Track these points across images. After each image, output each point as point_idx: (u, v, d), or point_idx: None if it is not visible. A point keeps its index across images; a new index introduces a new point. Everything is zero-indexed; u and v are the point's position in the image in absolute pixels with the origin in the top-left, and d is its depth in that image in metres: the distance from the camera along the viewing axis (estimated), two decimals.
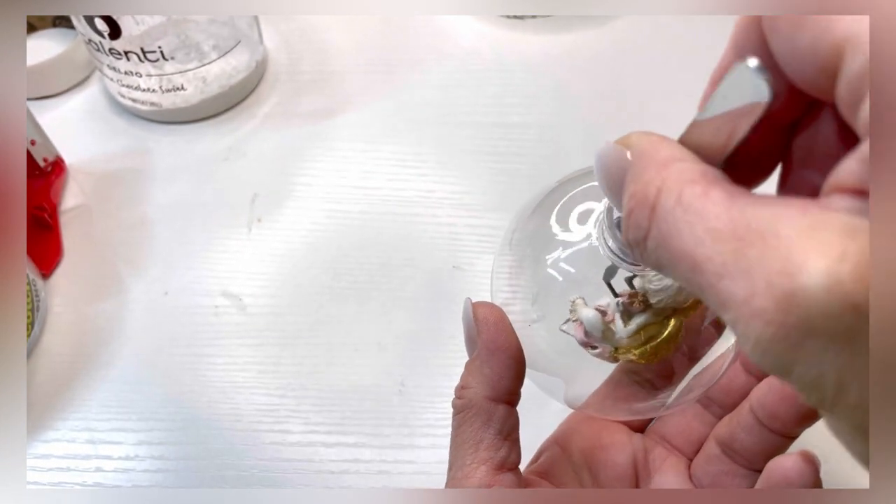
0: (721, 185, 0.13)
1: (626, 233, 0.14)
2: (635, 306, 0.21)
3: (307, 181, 0.44)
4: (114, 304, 0.39)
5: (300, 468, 0.34)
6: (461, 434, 0.23)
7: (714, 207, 0.12)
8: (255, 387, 0.36)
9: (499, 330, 0.23)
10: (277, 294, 0.39)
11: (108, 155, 0.46)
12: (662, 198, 0.13)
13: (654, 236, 0.13)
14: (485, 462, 0.22)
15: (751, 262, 0.12)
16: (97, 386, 0.36)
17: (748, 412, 0.24)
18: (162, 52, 0.43)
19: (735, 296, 0.12)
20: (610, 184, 0.15)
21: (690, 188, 0.13)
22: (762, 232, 0.12)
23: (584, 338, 0.23)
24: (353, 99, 0.48)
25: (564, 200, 0.24)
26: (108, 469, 0.34)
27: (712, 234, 0.12)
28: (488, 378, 0.22)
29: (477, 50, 0.51)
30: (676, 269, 0.13)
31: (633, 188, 0.14)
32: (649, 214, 0.13)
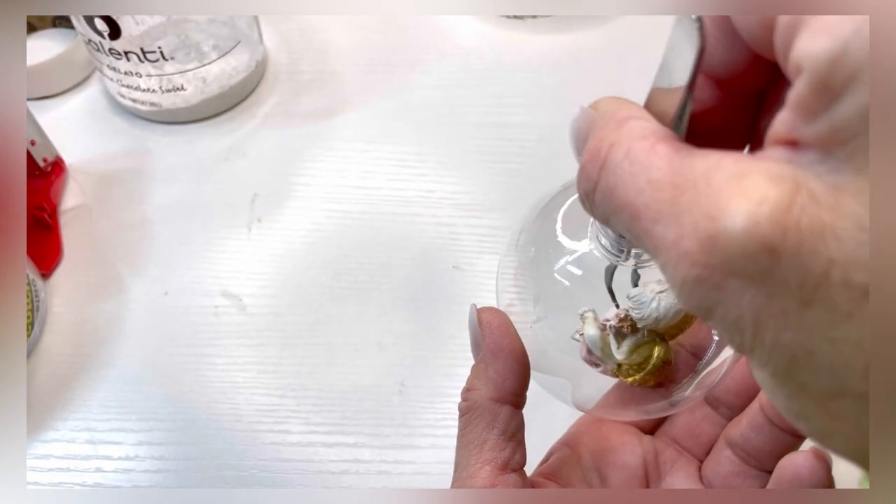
0: (668, 141, 0.13)
1: (578, 185, 0.15)
2: (626, 329, 0.22)
3: (307, 181, 0.44)
4: (114, 304, 0.39)
5: (300, 468, 0.34)
6: (466, 435, 0.23)
7: (658, 160, 0.13)
8: (255, 387, 0.36)
9: (502, 333, 0.23)
10: (277, 294, 0.39)
11: (108, 155, 0.46)
12: (613, 151, 0.14)
13: (602, 188, 0.14)
14: (489, 462, 0.22)
15: (682, 208, 0.12)
16: (97, 386, 0.36)
17: (757, 411, 0.24)
18: (162, 53, 0.43)
19: (665, 240, 0.12)
20: (578, 145, 0.16)
21: (639, 143, 0.14)
22: (696, 180, 0.12)
23: (587, 355, 0.23)
24: (353, 99, 0.48)
25: (570, 203, 0.24)
26: (108, 469, 0.34)
27: (652, 184, 0.13)
28: (492, 380, 0.23)
29: (477, 50, 0.51)
30: (618, 218, 0.14)
31: (589, 144, 0.15)
32: (599, 167, 0.14)
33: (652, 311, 0.21)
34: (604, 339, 0.22)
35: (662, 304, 0.21)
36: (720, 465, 0.25)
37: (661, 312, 0.21)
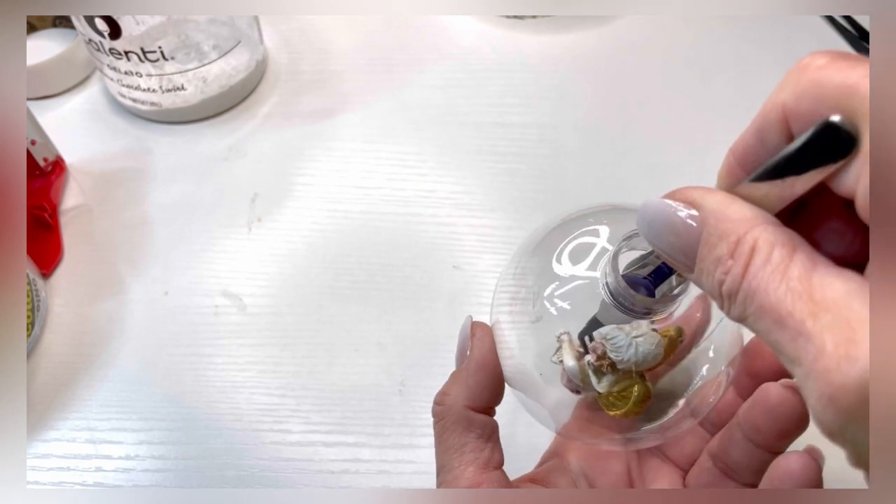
0: (804, 250, 0.15)
1: (715, 282, 0.16)
2: (604, 369, 0.22)
3: (307, 181, 0.44)
4: (114, 304, 0.39)
5: (300, 468, 0.34)
6: (445, 440, 0.24)
7: (797, 270, 0.14)
8: (256, 387, 0.36)
9: (490, 350, 0.25)
10: (277, 294, 0.39)
11: (108, 155, 0.46)
12: (755, 257, 0.15)
13: (745, 290, 0.15)
14: (471, 463, 0.24)
15: (824, 327, 0.13)
16: (97, 386, 0.36)
17: (735, 427, 0.25)
18: (162, 52, 0.43)
19: (807, 354, 0.13)
20: (674, 240, 0.17)
21: (779, 250, 0.15)
22: (836, 301, 0.14)
23: (567, 383, 0.24)
24: (353, 99, 0.48)
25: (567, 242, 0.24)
26: (108, 469, 0.34)
27: (794, 293, 0.14)
28: (471, 388, 0.24)
29: (477, 50, 0.51)
30: (760, 321, 0.15)
31: (725, 245, 0.15)
32: (742, 270, 0.15)
33: (630, 357, 0.22)
34: (583, 369, 0.23)
35: (640, 350, 0.22)
36: (702, 477, 0.26)
37: (640, 357, 0.22)
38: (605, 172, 0.44)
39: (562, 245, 0.24)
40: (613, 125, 0.47)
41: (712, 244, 0.16)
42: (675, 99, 0.48)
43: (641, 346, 0.22)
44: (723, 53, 0.50)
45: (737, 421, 0.24)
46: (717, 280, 0.16)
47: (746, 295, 0.15)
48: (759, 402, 0.23)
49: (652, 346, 0.22)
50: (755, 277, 0.15)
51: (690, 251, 0.17)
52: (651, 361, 0.22)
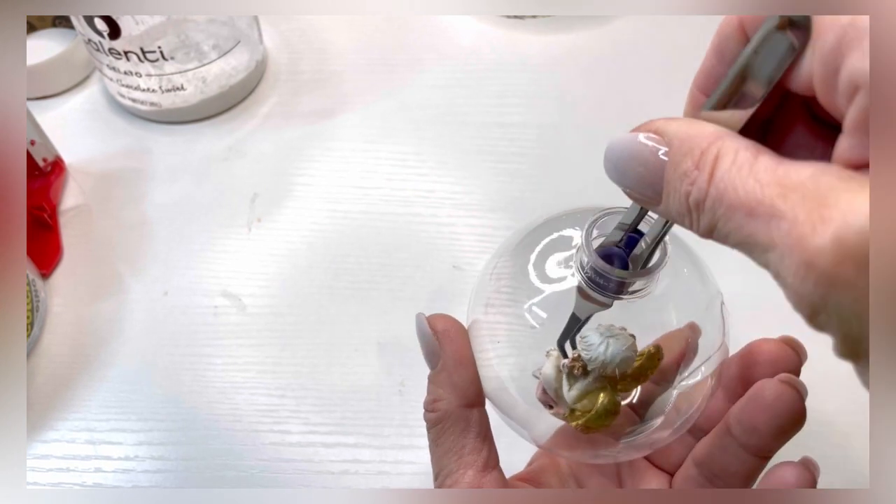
0: (767, 152, 0.15)
1: (680, 198, 0.16)
2: (576, 371, 0.22)
3: (307, 181, 0.44)
4: (114, 304, 0.39)
5: (300, 468, 0.34)
6: (443, 444, 0.24)
7: (763, 164, 0.15)
8: (255, 387, 0.36)
9: (463, 339, 0.24)
10: (277, 294, 0.39)
11: (107, 155, 0.46)
12: (720, 162, 0.15)
13: (713, 195, 0.15)
14: (471, 466, 0.23)
15: (795, 203, 0.14)
16: (97, 386, 0.36)
17: (725, 431, 0.24)
18: (162, 52, 0.43)
19: (780, 233, 0.14)
20: (642, 170, 0.17)
21: (743, 152, 0.15)
22: (803, 182, 0.14)
23: (542, 395, 0.23)
24: (352, 99, 0.48)
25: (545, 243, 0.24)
26: (107, 469, 0.34)
27: (763, 185, 0.14)
28: (459, 387, 0.24)
29: (477, 50, 0.51)
30: (731, 220, 0.15)
31: (689, 159, 0.16)
32: (708, 177, 0.15)
33: (599, 355, 0.21)
34: (558, 379, 0.22)
35: (610, 349, 0.21)
36: (687, 484, 0.26)
37: (609, 357, 0.21)
38: (604, 172, 0.44)
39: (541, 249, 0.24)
40: (613, 125, 0.47)
41: (677, 162, 0.16)
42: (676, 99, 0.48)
43: (612, 345, 0.21)
44: None
45: (726, 425, 0.24)
46: (683, 193, 0.16)
47: (715, 199, 0.15)
48: (755, 399, 0.23)
49: (624, 346, 0.22)
50: (721, 180, 0.15)
51: (658, 180, 0.17)
52: (621, 364, 0.22)
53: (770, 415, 0.23)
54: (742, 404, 0.23)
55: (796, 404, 0.22)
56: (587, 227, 0.21)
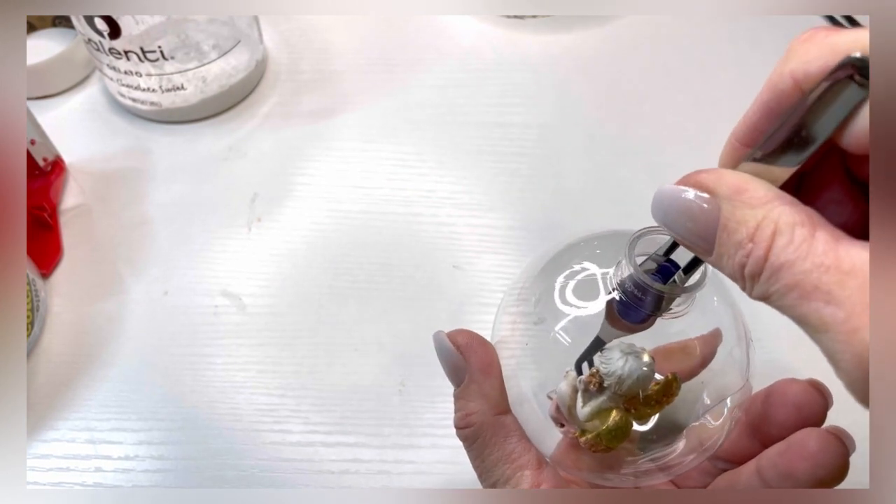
0: (824, 227, 0.15)
1: (737, 265, 0.16)
2: (592, 387, 0.22)
3: (307, 181, 0.44)
4: (114, 304, 0.39)
5: (300, 468, 0.34)
6: (489, 456, 0.23)
7: (821, 246, 0.15)
8: (255, 387, 0.36)
9: (487, 350, 0.24)
10: (277, 294, 0.39)
11: (107, 154, 0.46)
12: (777, 239, 0.15)
13: (768, 271, 0.15)
14: (526, 467, 0.23)
15: (852, 292, 0.14)
16: (97, 386, 0.36)
17: (752, 472, 0.23)
18: (162, 52, 0.43)
19: (836, 319, 0.14)
20: (692, 226, 0.17)
21: (800, 230, 0.15)
22: (861, 267, 0.14)
23: (554, 413, 0.23)
24: (353, 99, 0.48)
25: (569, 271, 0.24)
26: (107, 469, 0.34)
27: (820, 268, 0.15)
28: (490, 396, 0.24)
29: (477, 50, 0.51)
30: (785, 297, 0.15)
31: (743, 229, 0.16)
32: (765, 253, 0.15)
33: (617, 369, 0.21)
34: (573, 397, 0.22)
35: (629, 365, 0.21)
36: None
37: (626, 372, 0.21)
38: (605, 172, 0.44)
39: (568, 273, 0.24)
40: (613, 125, 0.47)
41: (731, 229, 0.16)
42: (675, 98, 0.48)
43: (632, 361, 0.21)
44: (723, 53, 0.50)
45: (757, 465, 0.23)
46: (738, 263, 0.16)
47: (770, 276, 0.15)
48: (797, 446, 0.22)
49: (643, 365, 0.21)
50: (777, 258, 0.15)
51: (708, 235, 0.17)
52: (638, 382, 0.21)
53: (811, 464, 0.21)
54: (780, 449, 0.22)
55: (841, 458, 0.21)
56: (630, 242, 0.21)
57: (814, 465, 0.21)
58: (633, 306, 0.21)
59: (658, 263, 0.21)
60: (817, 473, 0.21)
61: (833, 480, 0.22)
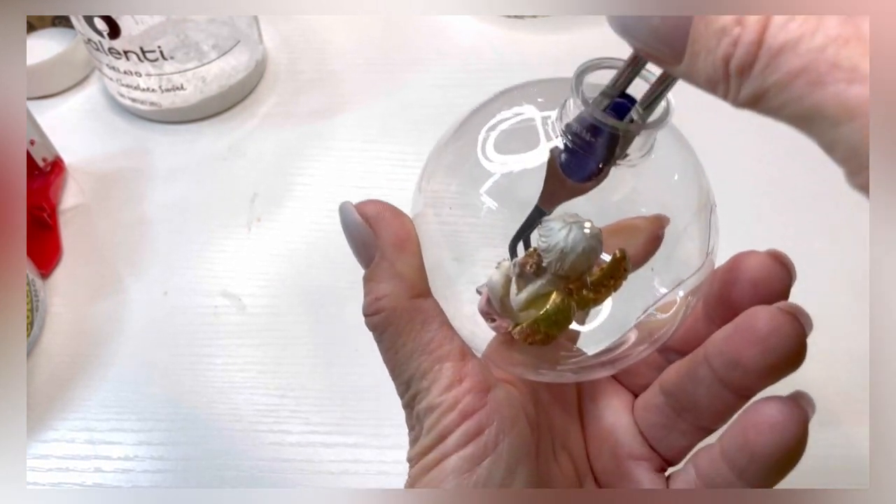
0: None
1: (723, 62, 0.13)
2: (529, 269, 0.19)
3: (307, 181, 0.44)
4: (113, 304, 0.39)
5: (300, 468, 0.34)
6: (403, 346, 0.20)
7: (833, 18, 0.12)
8: (255, 387, 0.36)
9: (402, 221, 0.20)
10: (277, 294, 0.39)
11: (107, 155, 0.46)
12: (774, 15, 0.12)
13: (764, 58, 0.12)
14: (446, 358, 0.20)
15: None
16: (96, 386, 0.36)
17: (702, 361, 0.20)
18: (161, 52, 0.43)
19: (867, 97, 0.11)
20: (655, 21, 0.14)
21: None
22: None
23: (484, 306, 0.20)
24: (352, 99, 0.48)
25: (495, 124, 0.20)
26: (107, 469, 0.34)
27: (837, 40, 0.11)
28: (405, 276, 0.20)
29: (477, 49, 0.51)
30: (790, 88, 0.12)
31: (726, 16, 0.13)
32: (758, 36, 0.12)
33: (559, 241, 0.18)
34: (505, 286, 0.19)
35: (572, 235, 0.18)
36: (650, 413, 0.23)
37: (569, 244, 0.18)
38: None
39: (487, 130, 0.20)
40: None
41: (711, 17, 0.13)
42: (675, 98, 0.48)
43: (575, 230, 0.18)
44: None
45: (704, 354, 0.20)
46: (721, 56, 0.13)
47: (768, 62, 0.12)
48: (745, 328, 0.19)
49: (587, 233, 0.18)
50: (777, 38, 0.12)
51: (679, 33, 0.13)
52: (584, 255, 0.18)
53: (760, 349, 0.19)
54: (728, 332, 0.20)
55: (795, 340, 0.18)
56: (577, 73, 0.18)
57: (762, 350, 0.19)
58: (581, 154, 0.18)
59: (610, 99, 0.17)
60: (768, 360, 0.19)
61: (788, 367, 0.19)
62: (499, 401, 0.20)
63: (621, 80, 0.17)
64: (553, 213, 0.19)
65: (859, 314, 0.37)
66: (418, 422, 0.21)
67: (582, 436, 0.24)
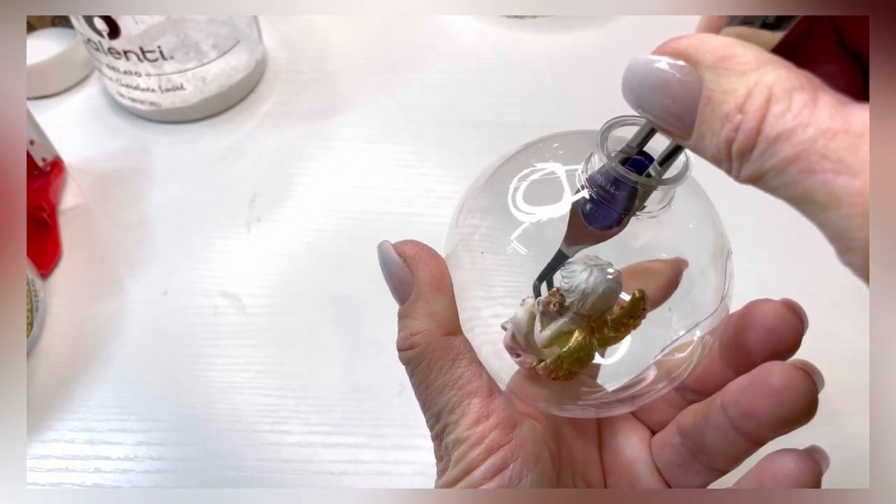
0: (826, 91, 0.13)
1: (722, 142, 0.14)
2: (552, 307, 0.20)
3: (306, 181, 0.44)
4: (113, 304, 0.39)
5: (300, 469, 0.34)
6: (434, 381, 0.21)
7: (825, 110, 0.13)
8: (255, 387, 0.36)
9: (437, 263, 0.22)
10: (277, 294, 0.39)
11: (107, 155, 0.46)
12: (773, 107, 0.13)
13: (762, 145, 0.13)
14: (474, 394, 0.21)
15: (867, 157, 0.12)
16: (96, 386, 0.36)
17: (718, 408, 0.21)
18: (161, 52, 0.43)
19: (850, 190, 0.12)
20: (669, 103, 0.15)
21: (799, 94, 0.13)
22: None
23: (509, 342, 0.21)
24: (352, 99, 0.48)
25: (524, 176, 0.21)
26: (107, 470, 0.34)
27: (826, 133, 0.12)
28: (439, 315, 0.21)
29: (477, 49, 0.51)
30: (784, 174, 0.13)
31: (731, 99, 0.14)
32: (757, 124, 0.13)
33: (580, 283, 0.19)
34: (529, 322, 0.20)
35: (593, 278, 0.19)
36: (666, 451, 0.24)
37: (590, 285, 0.19)
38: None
39: (518, 180, 0.21)
40: None
41: (717, 101, 0.14)
42: None
43: (596, 273, 0.19)
44: None
45: (721, 400, 0.21)
46: (724, 139, 0.14)
47: (765, 148, 0.13)
48: (759, 383, 0.20)
49: (608, 276, 0.19)
50: (774, 128, 0.13)
51: (688, 112, 0.14)
52: (604, 297, 0.19)
53: (774, 403, 0.20)
54: (744, 384, 0.21)
55: (807, 396, 0.19)
56: (602, 130, 0.19)
57: (776, 404, 0.20)
58: (603, 205, 0.19)
59: (629, 156, 0.18)
60: (781, 413, 0.20)
61: (799, 420, 0.20)
62: (524, 437, 0.21)
63: (639, 139, 0.19)
64: (575, 256, 0.20)
65: (859, 314, 0.37)
66: (446, 453, 0.22)
67: (601, 468, 0.25)
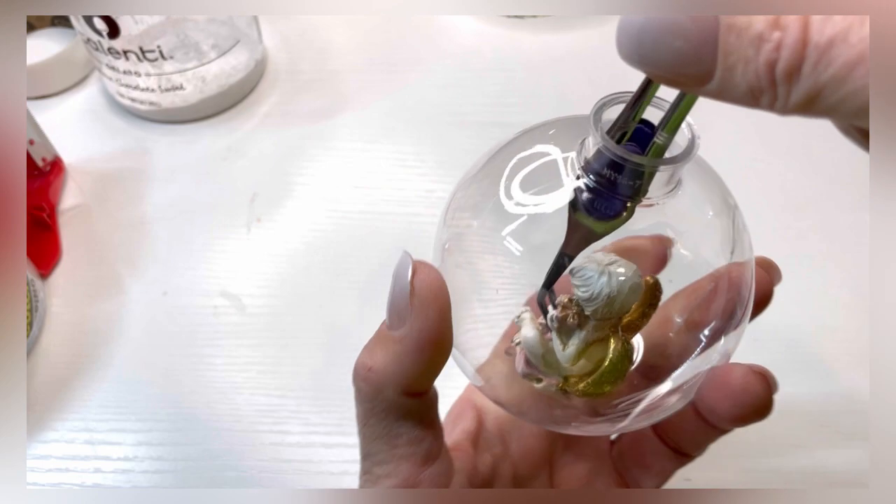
0: None
1: (767, 69, 0.12)
2: (570, 320, 0.17)
3: (306, 181, 0.44)
4: (113, 304, 0.39)
5: (300, 469, 0.34)
6: (373, 426, 0.19)
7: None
8: (255, 387, 0.36)
9: (439, 315, 0.18)
10: (277, 294, 0.39)
11: (106, 155, 0.46)
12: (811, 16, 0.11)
13: (814, 51, 0.11)
14: (407, 459, 0.19)
15: None
16: (96, 386, 0.36)
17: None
18: (161, 52, 0.43)
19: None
20: (682, 44, 0.13)
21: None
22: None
23: (525, 368, 0.19)
24: (352, 99, 0.48)
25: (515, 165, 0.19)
26: (107, 470, 0.34)
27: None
28: (408, 371, 0.18)
29: (477, 49, 0.51)
30: (847, 82, 0.11)
31: (760, 21, 0.12)
32: (800, 35, 0.11)
33: (602, 288, 0.16)
34: (545, 342, 0.18)
35: (614, 280, 0.16)
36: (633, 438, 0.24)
37: (615, 287, 0.16)
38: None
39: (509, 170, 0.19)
40: None
41: (742, 25, 0.12)
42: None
43: (616, 274, 0.16)
44: None
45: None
46: (764, 63, 0.12)
47: (818, 59, 0.11)
48: (720, 384, 0.20)
49: (630, 273, 0.16)
50: (823, 32, 0.11)
51: (707, 51, 0.12)
52: (629, 297, 0.17)
53: (732, 403, 0.20)
54: (707, 382, 0.21)
55: (762, 398, 0.20)
56: (596, 109, 0.17)
57: (734, 405, 0.20)
58: (604, 194, 0.17)
59: (626, 131, 0.16)
60: (738, 412, 0.20)
61: (754, 419, 0.21)
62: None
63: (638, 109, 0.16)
64: (575, 260, 0.18)
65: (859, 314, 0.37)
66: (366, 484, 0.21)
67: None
